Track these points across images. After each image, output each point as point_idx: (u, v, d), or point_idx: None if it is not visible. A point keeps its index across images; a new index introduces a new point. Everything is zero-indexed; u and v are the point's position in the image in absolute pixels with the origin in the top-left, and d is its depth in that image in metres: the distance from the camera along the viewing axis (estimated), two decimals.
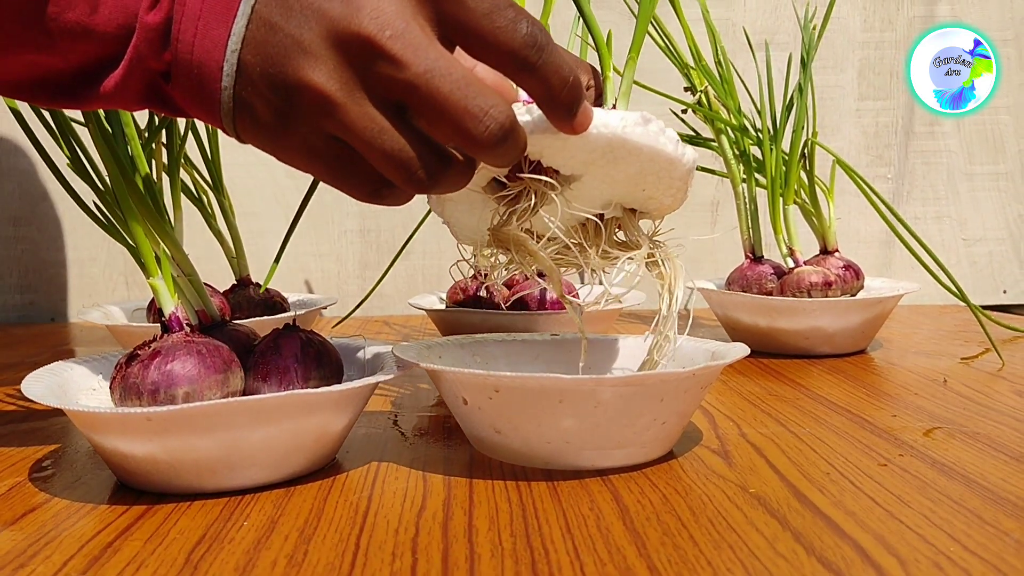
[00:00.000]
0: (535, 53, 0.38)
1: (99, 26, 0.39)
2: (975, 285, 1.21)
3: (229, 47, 0.38)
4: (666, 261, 0.48)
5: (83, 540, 0.40)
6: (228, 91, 0.38)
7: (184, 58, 0.38)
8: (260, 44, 0.38)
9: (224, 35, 0.38)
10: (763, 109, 0.85)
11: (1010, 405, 0.60)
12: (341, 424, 0.48)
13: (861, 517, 0.40)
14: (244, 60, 0.38)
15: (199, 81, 0.39)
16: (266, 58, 0.37)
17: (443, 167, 0.39)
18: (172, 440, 0.43)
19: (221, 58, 0.38)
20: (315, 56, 0.37)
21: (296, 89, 0.37)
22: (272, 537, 0.39)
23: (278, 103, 0.38)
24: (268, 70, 0.37)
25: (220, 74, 0.38)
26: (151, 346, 0.46)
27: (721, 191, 1.18)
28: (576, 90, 0.40)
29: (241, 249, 0.82)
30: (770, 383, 0.69)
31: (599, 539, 0.38)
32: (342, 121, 0.38)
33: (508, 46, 0.38)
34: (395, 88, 0.37)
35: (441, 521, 0.41)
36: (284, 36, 0.37)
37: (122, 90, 0.40)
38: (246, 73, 0.38)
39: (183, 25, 0.38)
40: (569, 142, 0.42)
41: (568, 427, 0.45)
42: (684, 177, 0.46)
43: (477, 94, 0.37)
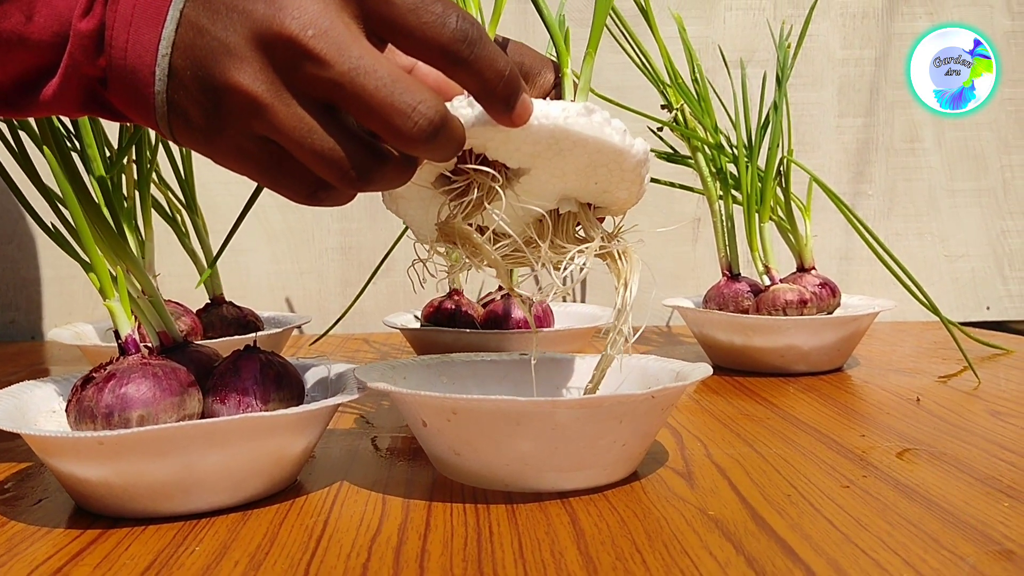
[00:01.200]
0: (466, 48, 0.38)
1: (34, 34, 0.39)
2: (958, 302, 1.20)
3: (160, 51, 0.38)
4: (622, 254, 0.47)
5: (34, 564, 0.39)
6: (161, 95, 0.38)
7: (118, 63, 0.39)
8: (189, 47, 0.38)
9: (155, 39, 0.38)
10: (738, 127, 0.85)
11: (982, 425, 0.60)
12: (300, 446, 0.48)
13: (816, 541, 0.39)
14: (175, 64, 0.38)
15: (133, 86, 0.39)
16: (195, 61, 0.38)
17: (377, 164, 0.39)
18: (125, 464, 0.43)
19: (152, 62, 0.38)
20: (241, 58, 0.37)
21: (224, 91, 0.37)
22: (222, 563, 0.39)
23: (208, 105, 0.38)
24: (198, 73, 0.38)
25: (153, 79, 0.38)
26: (106, 368, 0.46)
27: (703, 208, 1.18)
28: (513, 82, 0.40)
29: (215, 268, 0.81)
30: (743, 402, 0.68)
31: (551, 564, 0.37)
32: (271, 122, 0.37)
33: (437, 41, 0.38)
34: (321, 87, 0.37)
35: (395, 546, 0.40)
36: (211, 39, 0.37)
37: (60, 98, 0.40)
38: (177, 76, 0.38)
39: (115, 31, 0.38)
40: (511, 135, 0.42)
41: (526, 449, 0.45)
42: (635, 168, 0.45)
43: (404, 90, 0.37)
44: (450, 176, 0.45)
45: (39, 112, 0.42)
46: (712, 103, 0.87)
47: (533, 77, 0.47)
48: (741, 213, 0.84)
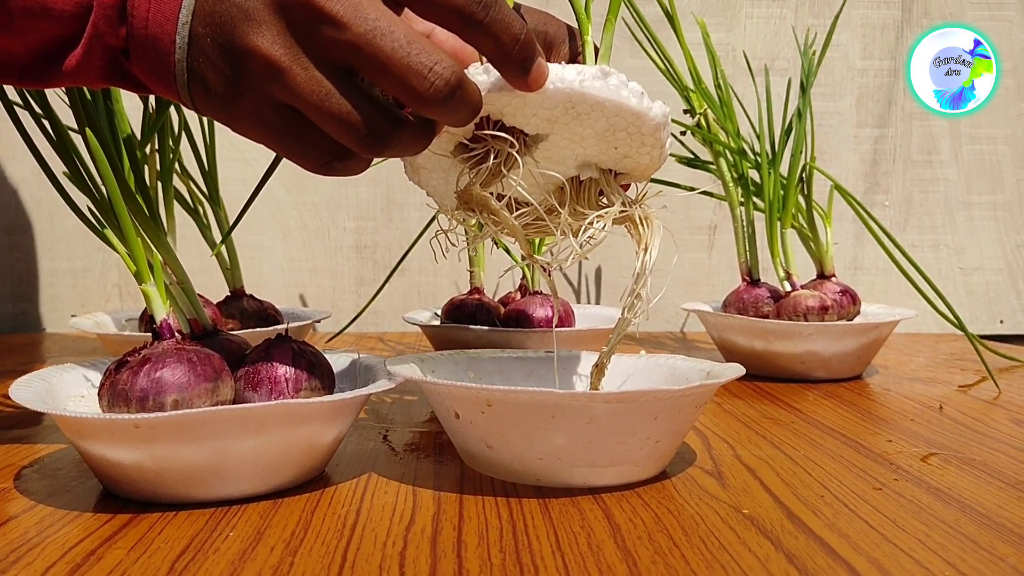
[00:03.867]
0: (481, 10, 0.38)
1: (56, 4, 0.39)
2: (972, 314, 1.20)
3: (180, 19, 0.38)
4: (643, 219, 0.46)
5: (66, 547, 0.39)
6: (182, 63, 0.39)
7: (139, 33, 0.39)
8: (209, 14, 0.38)
9: (175, 8, 0.38)
10: (762, 133, 0.85)
11: (1006, 433, 0.60)
12: (331, 436, 0.48)
13: (855, 540, 0.39)
14: (195, 31, 0.38)
15: (154, 55, 0.39)
16: (215, 27, 0.38)
17: (394, 128, 0.39)
18: (159, 448, 0.43)
19: (173, 31, 0.38)
20: (259, 22, 0.37)
21: (243, 55, 0.38)
22: (258, 548, 0.39)
23: (228, 71, 0.38)
24: (217, 39, 0.38)
25: (173, 47, 0.39)
26: (141, 352, 0.46)
27: (719, 214, 1.18)
28: (528, 46, 0.40)
29: (236, 261, 0.81)
30: (765, 406, 0.68)
31: (590, 557, 0.37)
32: (289, 86, 0.38)
33: (452, 3, 0.38)
34: (338, 50, 0.37)
35: (430, 536, 0.40)
36: (230, 4, 0.38)
37: (84, 68, 0.40)
38: (197, 43, 0.38)
39: (137, 1, 0.39)
40: (528, 99, 0.41)
41: (560, 443, 0.45)
42: (655, 132, 0.44)
43: (420, 51, 0.37)
44: (468, 144, 0.45)
45: (61, 82, 0.42)
46: (735, 109, 0.87)
47: (557, 46, 0.47)
48: (761, 219, 0.84)
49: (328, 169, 0.41)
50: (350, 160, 0.41)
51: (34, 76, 0.42)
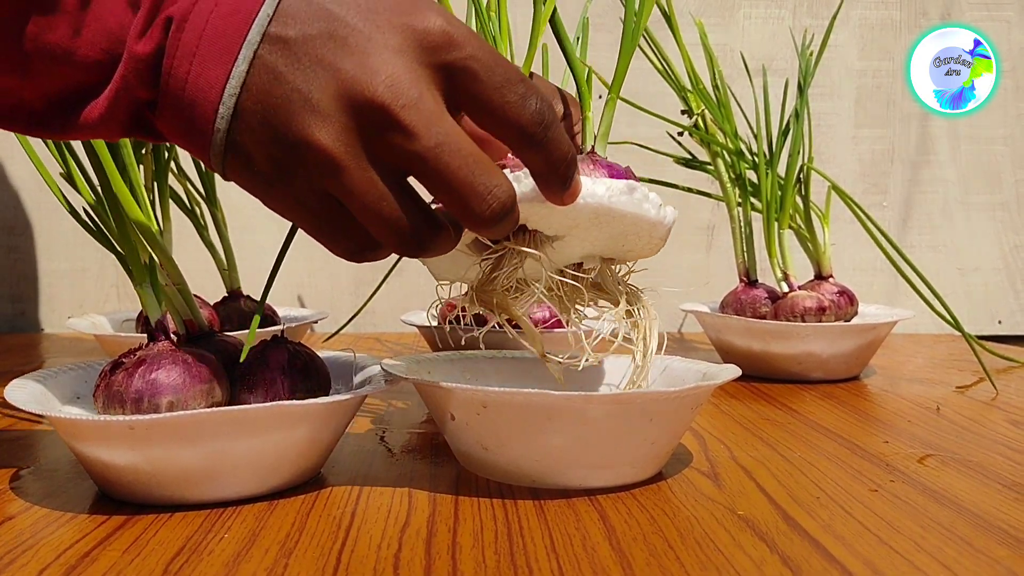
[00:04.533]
0: (542, 130, 0.38)
1: (80, 50, 0.37)
2: (970, 315, 1.20)
3: (227, 90, 0.36)
4: (641, 310, 0.48)
5: (60, 549, 0.39)
6: (222, 133, 0.37)
7: (175, 93, 0.37)
8: (263, 92, 0.36)
9: (222, 77, 0.36)
10: (759, 134, 0.85)
11: (1003, 434, 0.60)
12: (327, 438, 0.48)
13: (850, 542, 0.39)
14: (243, 105, 0.37)
15: (190, 118, 0.37)
16: (269, 108, 0.36)
17: (434, 235, 0.39)
18: (154, 450, 0.43)
19: (217, 100, 0.37)
20: (324, 115, 0.36)
21: (300, 145, 0.36)
22: (252, 550, 0.39)
23: (278, 155, 0.37)
24: (271, 121, 0.36)
25: (214, 115, 0.37)
26: (136, 354, 0.46)
27: (717, 215, 1.18)
28: (572, 164, 0.41)
29: (233, 262, 0.81)
30: (762, 407, 0.68)
31: (584, 559, 0.37)
32: (344, 183, 0.37)
33: (517, 122, 0.38)
34: (403, 158, 0.37)
35: (424, 537, 0.40)
36: (290, 88, 0.36)
37: (107, 121, 0.38)
38: (245, 119, 0.37)
39: (176, 60, 0.37)
40: (556, 211, 0.43)
41: (557, 444, 0.45)
42: (664, 235, 0.47)
43: (483, 172, 0.37)
44: (486, 242, 0.46)
45: (75, 134, 0.40)
46: (732, 109, 0.87)
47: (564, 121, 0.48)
48: (759, 220, 0.84)
49: (357, 257, 0.40)
50: (379, 251, 0.40)
51: (46, 124, 0.40)
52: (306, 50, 0.36)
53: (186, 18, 0.37)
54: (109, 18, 0.37)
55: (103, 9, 0.37)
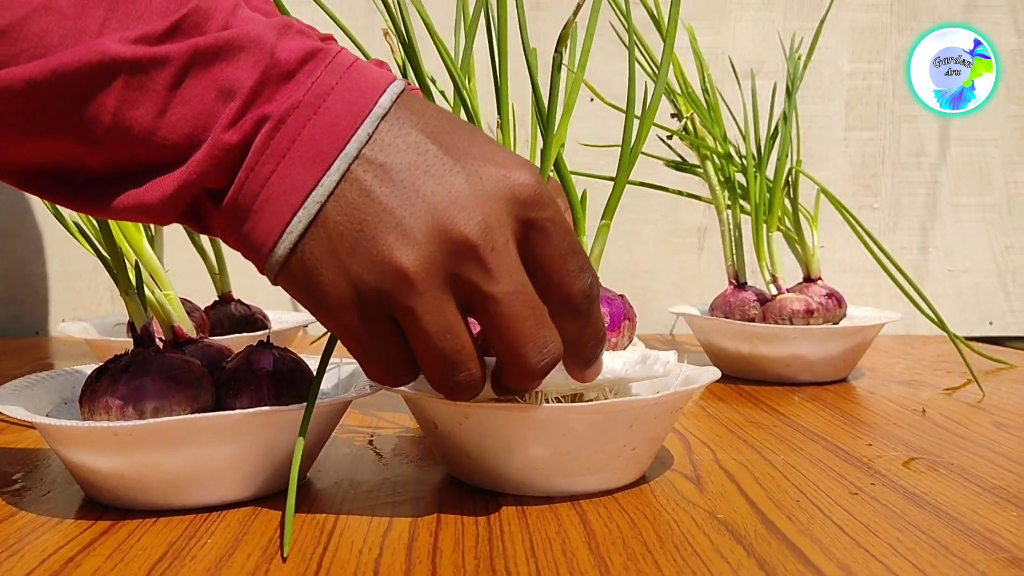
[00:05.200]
0: (586, 304, 0.40)
1: (162, 130, 0.36)
2: (961, 316, 1.21)
3: (312, 196, 0.37)
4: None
5: (45, 554, 0.39)
6: (293, 236, 0.37)
7: (252, 189, 0.37)
8: (350, 206, 0.37)
9: (310, 182, 0.37)
10: (748, 137, 0.85)
11: (987, 436, 0.60)
12: (312, 442, 0.48)
13: (827, 545, 0.40)
14: (326, 214, 0.37)
15: (260, 217, 0.37)
16: (354, 221, 0.37)
17: (472, 383, 0.40)
18: (139, 455, 0.43)
19: (298, 203, 0.37)
20: (413, 241, 0.36)
21: (382, 263, 0.37)
22: (235, 555, 0.39)
23: (353, 269, 0.37)
24: (353, 235, 0.37)
25: (291, 217, 0.37)
26: (121, 360, 0.46)
27: (708, 217, 1.18)
28: (601, 345, 0.42)
29: (224, 266, 0.81)
30: (748, 409, 0.69)
31: (563, 563, 0.38)
32: (414, 309, 0.37)
33: (569, 291, 0.40)
34: (477, 297, 0.38)
35: (406, 542, 0.40)
36: (381, 208, 0.37)
37: (167, 204, 0.37)
38: (324, 227, 0.37)
39: (264, 158, 0.37)
40: (572, 383, 0.44)
41: (538, 454, 0.45)
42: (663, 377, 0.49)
43: (545, 327, 0.39)
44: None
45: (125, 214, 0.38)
46: (721, 113, 0.87)
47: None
48: (748, 223, 0.84)
49: (389, 381, 0.41)
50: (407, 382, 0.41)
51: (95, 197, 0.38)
52: (402, 176, 0.37)
53: (283, 120, 0.37)
54: (197, 103, 0.36)
55: (191, 94, 0.36)
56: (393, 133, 0.38)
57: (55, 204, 0.40)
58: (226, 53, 0.36)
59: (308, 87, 0.37)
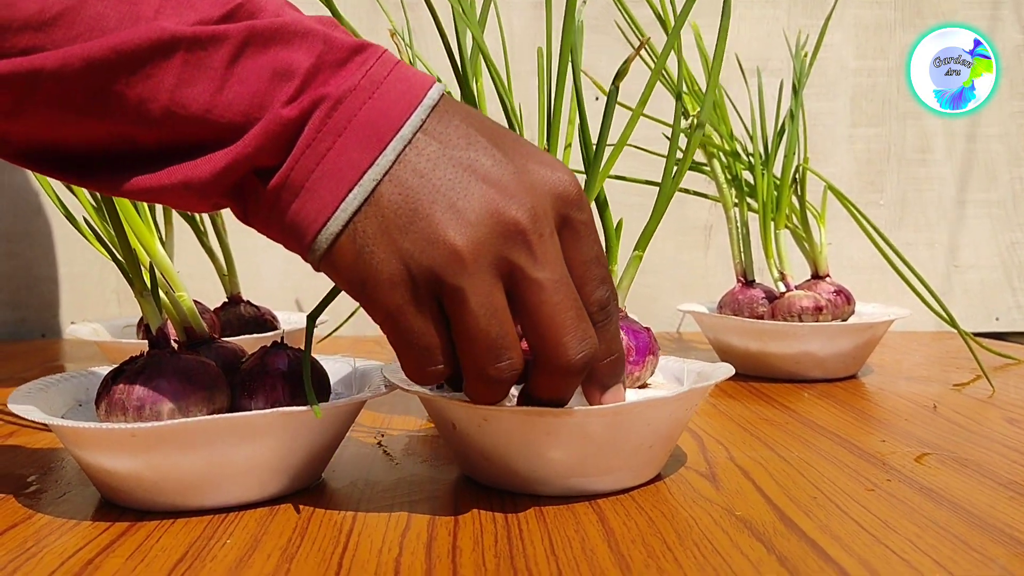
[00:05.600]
0: (601, 316, 0.41)
1: (219, 108, 0.36)
2: (967, 312, 1.21)
3: (368, 174, 0.37)
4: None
5: (64, 556, 0.39)
6: (346, 214, 0.37)
7: (306, 166, 0.37)
8: (405, 186, 0.37)
9: (366, 160, 0.37)
10: (755, 134, 0.85)
11: (1000, 432, 0.60)
12: (327, 442, 0.48)
13: (847, 542, 0.40)
14: (381, 192, 0.37)
15: (310, 194, 0.37)
16: (411, 200, 0.37)
17: (516, 369, 0.40)
18: (157, 457, 0.43)
19: (354, 180, 0.37)
20: (466, 222, 0.37)
21: (435, 242, 0.37)
22: (254, 556, 0.39)
23: (405, 247, 0.37)
24: (409, 213, 0.37)
25: (345, 194, 0.37)
26: (137, 362, 0.46)
27: (714, 214, 1.18)
28: (616, 366, 0.43)
29: (232, 267, 0.81)
30: (760, 407, 0.69)
31: (583, 561, 0.38)
32: (462, 288, 0.37)
33: (587, 297, 0.40)
34: (522, 280, 0.38)
35: (425, 541, 0.40)
36: (435, 190, 0.37)
37: (217, 181, 0.37)
38: (379, 205, 0.37)
39: (321, 136, 0.37)
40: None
41: (556, 457, 0.45)
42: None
43: (584, 319, 0.39)
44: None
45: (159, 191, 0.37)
46: (727, 111, 0.87)
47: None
48: (756, 220, 0.84)
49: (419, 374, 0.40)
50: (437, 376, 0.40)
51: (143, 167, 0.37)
52: (455, 160, 0.38)
53: (341, 100, 0.37)
54: (255, 82, 0.37)
55: (249, 72, 0.37)
56: (444, 122, 0.39)
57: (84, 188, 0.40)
58: (281, 37, 0.37)
59: (363, 74, 0.38)
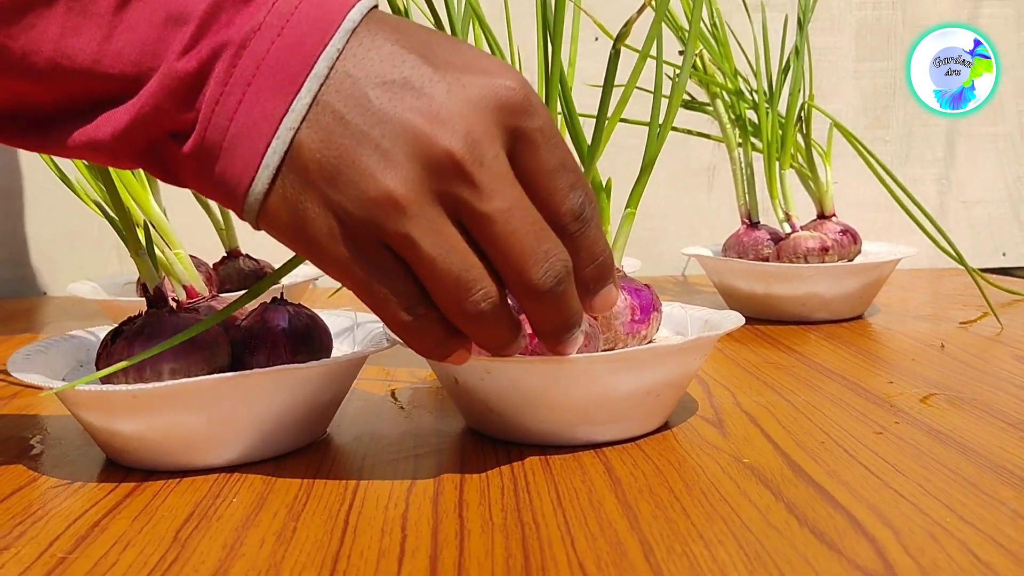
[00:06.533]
0: (576, 225, 0.38)
1: (107, 58, 0.34)
2: (974, 248, 1.20)
3: (284, 123, 0.34)
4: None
5: (70, 519, 0.39)
6: (270, 170, 0.35)
7: (219, 124, 0.34)
8: (325, 131, 0.34)
9: (280, 109, 0.34)
10: (759, 72, 0.84)
11: (1008, 370, 0.60)
12: (330, 399, 0.48)
13: (855, 487, 0.39)
14: (301, 141, 0.34)
15: (231, 155, 0.35)
16: (331, 147, 0.34)
17: (493, 296, 0.37)
18: (159, 417, 0.43)
19: (271, 132, 0.34)
20: (394, 163, 0.34)
21: (366, 190, 0.34)
22: (261, 514, 0.39)
23: (336, 199, 0.35)
24: (334, 161, 0.34)
25: (265, 149, 0.34)
26: (136, 322, 0.45)
27: (718, 155, 1.16)
28: (602, 270, 0.40)
29: (230, 221, 0.81)
30: (766, 350, 0.68)
31: (591, 513, 0.37)
32: (408, 234, 0.35)
33: (556, 209, 0.37)
34: (470, 217, 0.35)
35: (431, 496, 0.40)
36: (357, 132, 0.34)
37: (120, 143, 0.35)
38: (301, 156, 0.34)
39: (228, 88, 0.34)
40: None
41: (562, 405, 0.44)
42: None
43: (546, 240, 0.37)
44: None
45: (80, 152, 0.36)
46: (731, 48, 0.85)
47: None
48: (760, 160, 0.83)
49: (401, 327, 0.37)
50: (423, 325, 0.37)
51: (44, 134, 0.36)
52: (378, 93, 0.34)
53: (244, 45, 0.34)
54: (145, 29, 0.34)
55: (138, 18, 0.34)
56: (365, 47, 0.35)
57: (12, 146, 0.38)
58: None
59: (269, 8, 0.34)
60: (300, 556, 0.35)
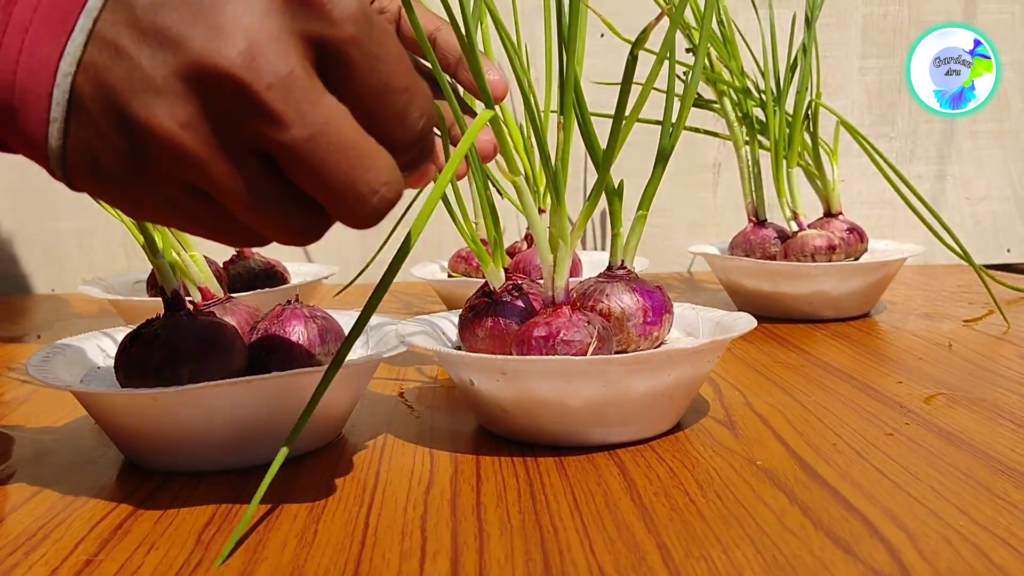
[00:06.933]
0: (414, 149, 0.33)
1: None
2: (979, 244, 1.20)
3: (61, 69, 0.30)
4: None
5: (93, 521, 0.40)
6: (58, 124, 0.30)
7: (6, 80, 0.30)
8: (101, 71, 0.30)
9: (55, 54, 0.30)
10: (766, 70, 0.84)
11: (1015, 370, 0.60)
12: (347, 400, 0.48)
13: (868, 489, 0.40)
14: (80, 89, 0.30)
15: (23, 110, 0.31)
16: (108, 90, 0.30)
17: (324, 222, 0.33)
18: (178, 420, 0.43)
19: (50, 82, 0.30)
20: (168, 95, 0.29)
21: (145, 134, 0.30)
22: (281, 516, 0.39)
23: (125, 148, 0.30)
24: (112, 105, 0.30)
25: (48, 102, 0.30)
26: (154, 324, 0.46)
27: (723, 152, 1.16)
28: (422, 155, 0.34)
29: None
30: (775, 350, 0.69)
31: (607, 515, 0.38)
32: (204, 175, 0.31)
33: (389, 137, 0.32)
34: (272, 150, 0.30)
35: (449, 498, 0.41)
36: (131, 65, 0.29)
37: None
38: (83, 106, 0.30)
39: (6, 38, 0.30)
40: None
41: (577, 407, 0.45)
42: None
43: (368, 168, 0.31)
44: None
45: None
46: (737, 45, 0.85)
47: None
48: (767, 158, 0.83)
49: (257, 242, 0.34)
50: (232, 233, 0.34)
51: None
52: (151, 15, 0.30)
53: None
54: None
55: None
56: None
57: None
58: None
59: None
60: (323, 559, 0.35)
